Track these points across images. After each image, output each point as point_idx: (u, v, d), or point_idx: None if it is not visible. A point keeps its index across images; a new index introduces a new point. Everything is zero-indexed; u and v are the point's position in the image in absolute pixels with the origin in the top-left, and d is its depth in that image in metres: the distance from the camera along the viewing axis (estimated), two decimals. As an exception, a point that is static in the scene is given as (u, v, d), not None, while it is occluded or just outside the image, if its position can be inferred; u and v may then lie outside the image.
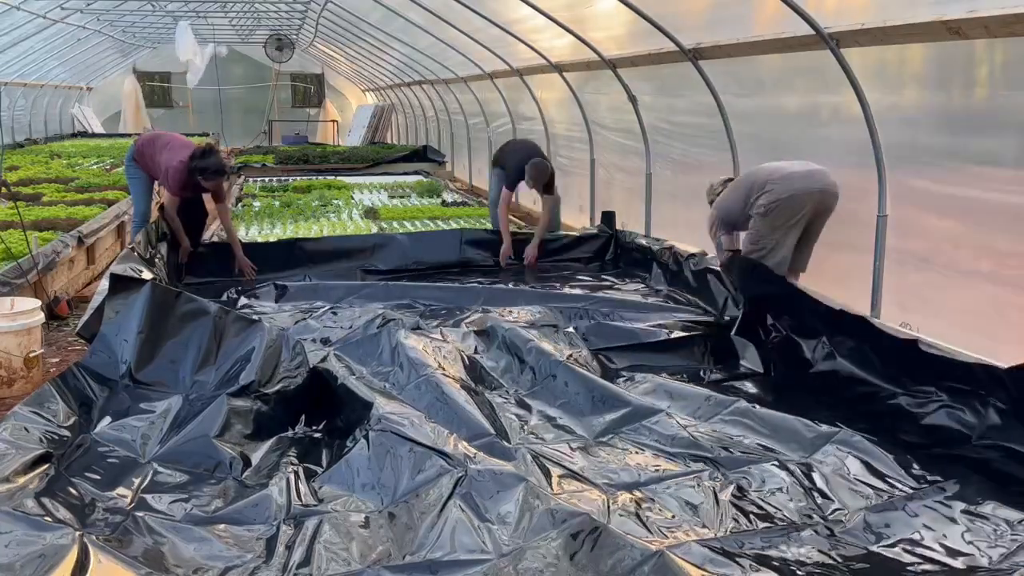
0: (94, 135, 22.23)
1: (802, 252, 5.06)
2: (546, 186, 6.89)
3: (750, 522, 2.60)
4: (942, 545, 2.42)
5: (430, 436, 2.93)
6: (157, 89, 25.48)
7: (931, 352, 3.43)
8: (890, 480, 2.86)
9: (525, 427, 3.39)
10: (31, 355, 4.59)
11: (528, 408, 3.59)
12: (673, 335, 4.33)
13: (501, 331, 4.17)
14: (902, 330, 3.75)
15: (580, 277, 6.26)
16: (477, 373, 3.88)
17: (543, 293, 5.36)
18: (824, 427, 3.22)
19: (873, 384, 3.64)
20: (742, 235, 5.23)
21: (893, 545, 2.42)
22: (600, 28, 8.11)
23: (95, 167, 13.16)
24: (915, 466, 2.95)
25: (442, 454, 2.81)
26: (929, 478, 2.86)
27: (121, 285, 3.80)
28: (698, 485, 2.82)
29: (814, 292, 4.38)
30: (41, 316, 4.72)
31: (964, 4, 4.15)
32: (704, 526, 2.58)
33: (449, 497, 2.58)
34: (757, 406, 3.46)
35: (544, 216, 6.91)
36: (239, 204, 9.83)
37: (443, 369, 3.67)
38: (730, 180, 5.55)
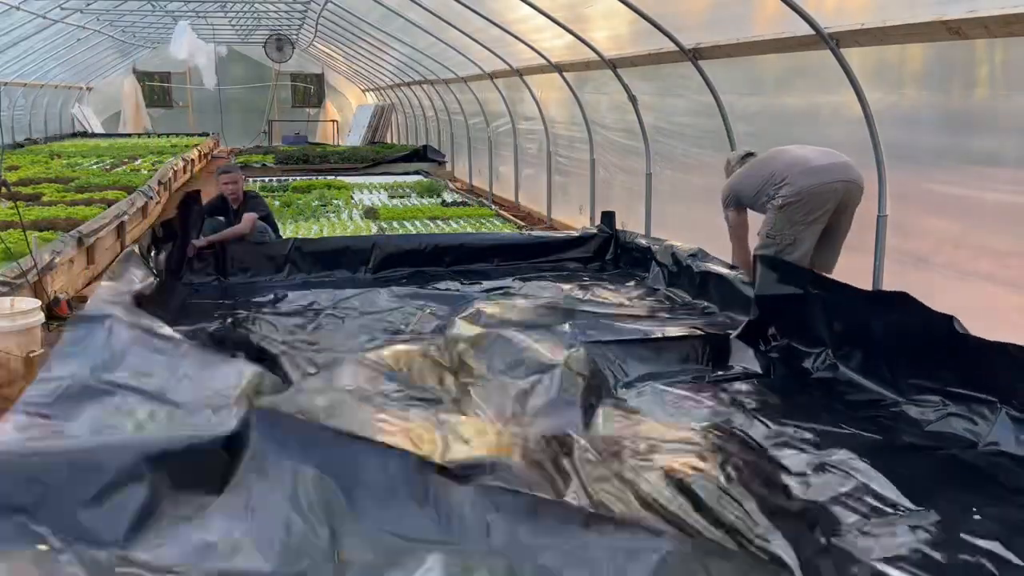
0: (94, 135, 22.26)
1: (827, 251, 4.77)
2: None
3: (748, 532, 2.52)
4: (946, 554, 2.38)
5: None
6: (157, 89, 25.51)
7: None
8: (894, 493, 2.79)
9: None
10: (31, 355, 4.59)
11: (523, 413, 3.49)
12: (672, 337, 4.28)
13: (495, 335, 4.04)
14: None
15: (580, 275, 6.26)
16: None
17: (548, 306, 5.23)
18: (826, 434, 3.18)
19: (881, 390, 3.59)
20: (757, 215, 5.00)
21: (896, 556, 2.38)
22: (600, 28, 8.12)
23: (95, 167, 13.18)
24: (920, 476, 2.88)
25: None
26: (935, 490, 2.79)
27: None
28: (689, 494, 2.72)
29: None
30: (41, 316, 4.72)
31: (964, 4, 4.15)
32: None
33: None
34: (757, 413, 3.41)
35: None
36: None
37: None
38: (750, 155, 5.26)
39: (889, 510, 2.66)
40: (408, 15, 11.55)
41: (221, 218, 6.59)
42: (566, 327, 4.27)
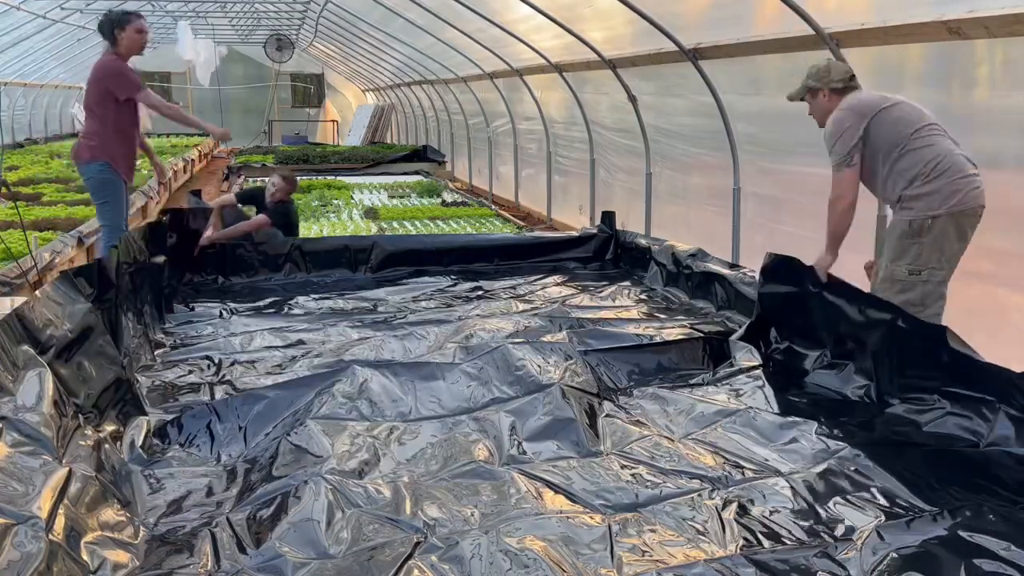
0: (94, 135, 22.20)
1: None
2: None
3: (758, 542, 2.47)
4: (954, 561, 2.35)
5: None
6: (157, 89, 25.45)
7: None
8: (900, 495, 2.74)
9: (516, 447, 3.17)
10: (31, 355, 4.58)
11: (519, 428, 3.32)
12: (671, 340, 4.24)
13: (488, 349, 3.90)
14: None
15: (579, 275, 6.25)
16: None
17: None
18: (830, 439, 3.14)
19: (883, 388, 3.57)
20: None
21: (904, 562, 2.35)
22: (600, 28, 8.12)
23: (95, 167, 13.16)
24: (926, 479, 2.83)
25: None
26: (940, 491, 2.75)
27: None
28: (698, 504, 2.68)
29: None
30: (41, 316, 4.71)
31: (964, 4, 4.15)
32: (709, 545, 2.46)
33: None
34: (758, 418, 3.36)
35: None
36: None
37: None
38: (855, 79, 4.08)
39: (901, 511, 2.63)
40: (408, 15, 11.55)
41: (252, 207, 6.74)
42: (563, 335, 4.17)
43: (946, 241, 3.83)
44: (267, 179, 6.90)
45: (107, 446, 2.85)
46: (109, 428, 3.07)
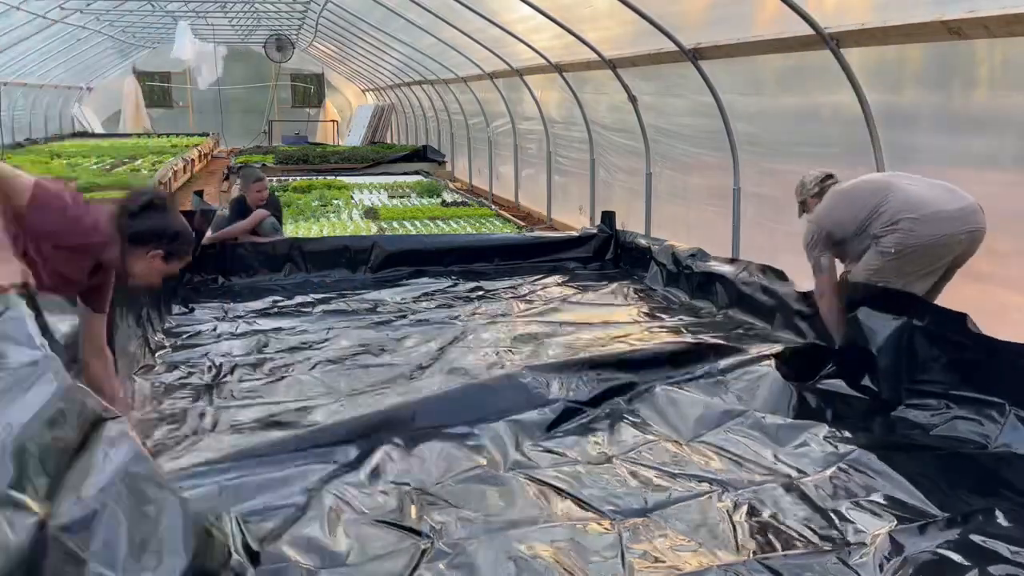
0: (94, 135, 22.27)
1: (929, 296, 4.01)
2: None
3: (770, 546, 2.44)
4: (968, 566, 2.31)
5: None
6: (157, 89, 25.53)
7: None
8: (911, 499, 2.71)
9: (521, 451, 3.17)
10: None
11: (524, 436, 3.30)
12: (676, 344, 4.19)
13: (494, 363, 3.95)
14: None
15: (579, 275, 6.25)
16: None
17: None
18: (840, 441, 3.11)
19: (897, 396, 3.49)
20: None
21: (919, 568, 2.30)
22: (600, 28, 8.12)
23: (95, 167, 13.18)
24: (937, 483, 2.80)
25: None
26: (951, 495, 2.73)
27: None
28: (708, 508, 2.66)
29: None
30: (41, 317, 4.70)
31: (964, 4, 4.15)
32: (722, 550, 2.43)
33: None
34: (767, 420, 3.33)
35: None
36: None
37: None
38: (830, 177, 4.27)
39: (914, 516, 2.61)
40: (408, 15, 11.55)
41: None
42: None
43: (909, 266, 3.87)
44: (241, 181, 6.79)
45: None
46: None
